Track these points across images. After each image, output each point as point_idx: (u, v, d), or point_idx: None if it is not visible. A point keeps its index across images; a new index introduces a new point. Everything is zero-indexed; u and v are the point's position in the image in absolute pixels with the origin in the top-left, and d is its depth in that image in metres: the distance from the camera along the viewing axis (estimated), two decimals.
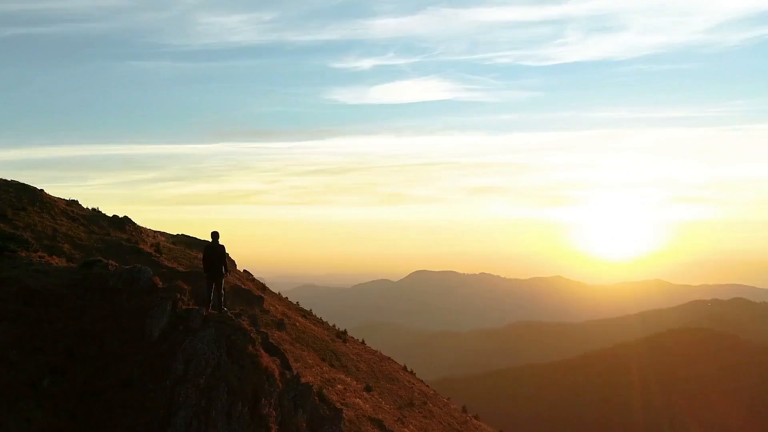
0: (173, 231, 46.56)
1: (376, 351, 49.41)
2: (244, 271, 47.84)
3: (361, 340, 50.30)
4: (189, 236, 46.02)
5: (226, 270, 18.19)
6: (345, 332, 48.48)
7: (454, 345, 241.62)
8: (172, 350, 15.68)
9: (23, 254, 18.95)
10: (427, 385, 49.04)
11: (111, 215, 39.59)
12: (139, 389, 14.81)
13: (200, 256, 41.52)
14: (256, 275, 50.25)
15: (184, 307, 17.28)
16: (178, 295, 17.31)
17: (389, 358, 49.23)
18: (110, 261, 19.86)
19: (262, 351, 17.50)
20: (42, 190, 37.50)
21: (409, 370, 49.28)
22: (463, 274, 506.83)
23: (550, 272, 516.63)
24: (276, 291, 49.93)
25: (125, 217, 39.76)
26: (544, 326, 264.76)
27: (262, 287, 45.75)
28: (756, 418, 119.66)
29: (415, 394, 41.95)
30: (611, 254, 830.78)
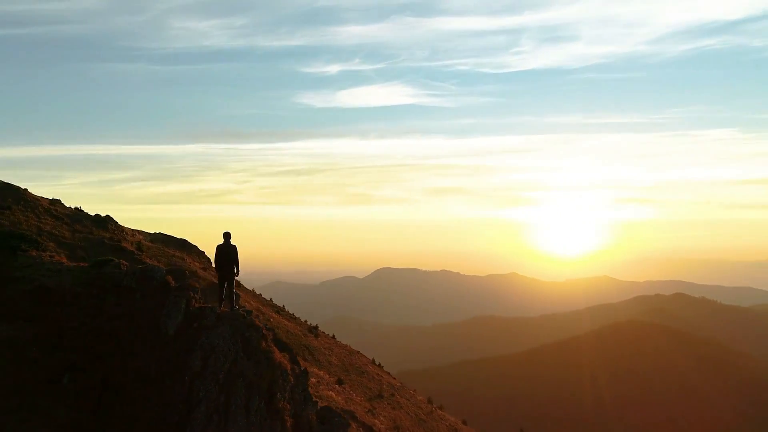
0: (147, 230, 45.90)
1: (346, 345, 49.48)
2: None
3: (331, 335, 50.26)
4: (166, 234, 45.36)
5: (237, 269, 18.05)
6: (317, 327, 48.49)
7: (416, 339, 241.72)
8: (189, 347, 15.57)
9: (34, 253, 18.61)
10: (394, 378, 49.25)
11: (93, 214, 38.85)
12: (158, 385, 14.66)
13: (178, 254, 41.16)
14: None
15: (196, 305, 17.20)
16: (191, 294, 17.19)
17: (358, 352, 49.35)
18: (121, 261, 19.59)
19: (274, 347, 17.46)
20: (26, 190, 36.63)
21: (377, 363, 49.36)
22: (425, 271, 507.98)
23: (506, 269, 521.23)
24: (248, 288, 49.56)
25: (107, 216, 39.05)
26: (502, 320, 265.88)
27: (237, 284, 45.37)
28: (695, 405, 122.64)
29: (384, 386, 42.17)
30: (563, 252, 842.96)
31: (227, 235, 18.10)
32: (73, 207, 38.99)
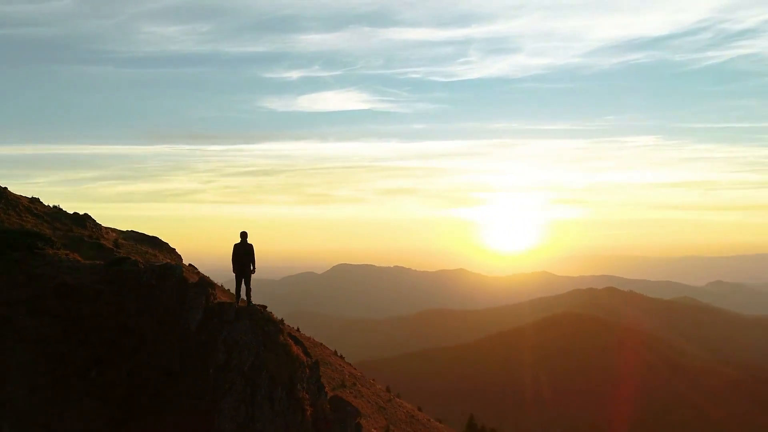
0: (117, 228, 44.95)
1: (310, 337, 49.32)
2: (190, 264, 46.60)
3: (296, 328, 50.06)
4: (137, 232, 44.36)
5: (253, 267, 17.98)
6: (282, 321, 48.11)
7: (372, 331, 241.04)
8: (212, 341, 15.53)
9: (50, 251, 18.07)
10: (355, 368, 49.32)
11: (72, 212, 37.84)
12: (183, 378, 14.66)
13: (151, 251, 40.35)
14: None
15: (215, 300, 17.12)
16: (210, 290, 17.13)
17: (321, 344, 49.21)
18: (138, 258, 19.12)
19: (290, 340, 17.47)
20: (6, 188, 35.41)
21: (338, 354, 49.30)
22: (380, 267, 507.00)
23: (455, 265, 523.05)
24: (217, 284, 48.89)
25: (85, 214, 37.97)
26: (450, 313, 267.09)
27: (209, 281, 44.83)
28: (626, 389, 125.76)
29: (346, 376, 42.25)
30: (507, 249, 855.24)
31: (244, 235, 17.92)
32: (51, 205, 37.88)
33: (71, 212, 38.00)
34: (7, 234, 17.91)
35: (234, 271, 17.86)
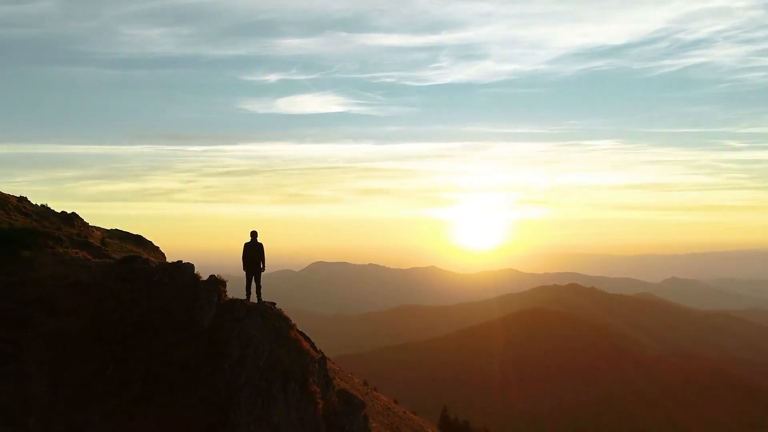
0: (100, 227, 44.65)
1: None
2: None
3: None
4: (122, 230, 44.01)
5: (263, 265, 17.85)
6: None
7: (348, 326, 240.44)
8: (225, 337, 15.38)
9: (60, 250, 17.66)
10: (334, 363, 49.89)
11: (60, 211, 37.50)
12: (198, 373, 14.48)
13: (135, 249, 40.30)
14: None
15: (226, 298, 17.01)
16: (221, 288, 17.00)
17: None
18: (149, 257, 18.95)
19: (300, 335, 17.49)
20: None
21: (318, 349, 49.72)
22: (355, 264, 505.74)
23: (427, 263, 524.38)
24: None
25: (73, 213, 37.57)
26: (422, 309, 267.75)
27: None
28: (585, 380, 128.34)
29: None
30: (476, 247, 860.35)
31: (254, 234, 17.82)
32: (39, 204, 37.41)
33: (59, 211, 37.83)
34: (18, 233, 17.46)
35: (244, 269, 17.82)
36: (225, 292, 17.09)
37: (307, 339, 18.37)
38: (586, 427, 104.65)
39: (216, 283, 16.94)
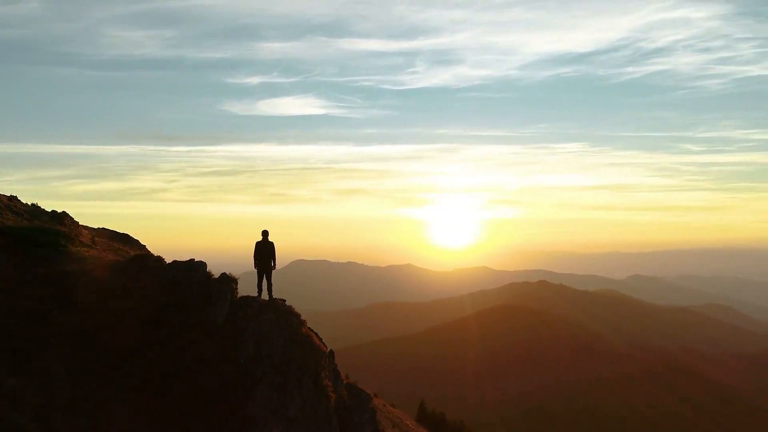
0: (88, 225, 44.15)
1: None
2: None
3: None
4: (108, 229, 43.58)
5: (274, 263, 17.88)
6: None
7: (327, 322, 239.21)
8: (239, 333, 15.36)
9: (73, 248, 17.40)
10: None
11: (50, 210, 37.07)
12: (214, 368, 14.44)
13: (123, 247, 40.09)
14: None
15: (238, 295, 17.02)
16: (233, 285, 17.00)
17: None
18: (160, 256, 18.88)
19: (311, 331, 17.53)
20: None
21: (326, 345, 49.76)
22: (334, 262, 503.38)
23: (403, 261, 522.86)
24: None
25: (63, 212, 37.28)
26: (399, 305, 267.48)
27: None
28: (554, 372, 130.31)
29: None
30: (450, 245, 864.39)
31: (265, 233, 17.82)
32: (30, 203, 36.87)
33: (49, 210, 37.38)
34: (31, 231, 17.19)
35: (256, 267, 17.81)
36: (237, 289, 17.08)
37: (316, 335, 18.50)
38: (555, 416, 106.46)
39: (228, 280, 16.95)
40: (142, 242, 42.29)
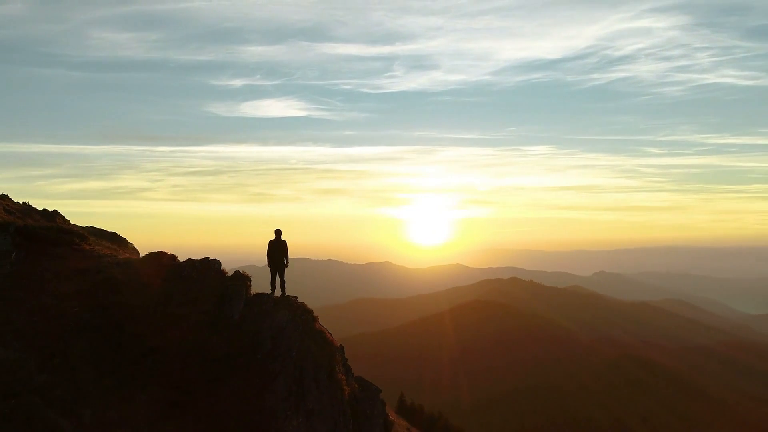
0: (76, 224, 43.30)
1: None
2: None
3: None
4: (97, 228, 42.95)
5: (287, 261, 17.82)
6: None
7: None
8: (257, 329, 15.34)
9: (87, 247, 17.14)
10: None
11: (41, 209, 36.46)
12: (232, 363, 14.44)
13: (112, 246, 39.69)
14: None
15: (252, 292, 16.98)
16: (247, 282, 16.95)
17: None
18: (174, 254, 18.56)
19: (323, 327, 17.57)
20: None
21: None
22: (314, 260, 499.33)
23: (381, 258, 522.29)
24: None
25: (54, 211, 36.77)
26: (377, 302, 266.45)
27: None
28: (525, 366, 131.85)
29: None
30: (426, 243, 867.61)
31: (278, 232, 17.81)
32: (21, 202, 36.18)
33: (41, 209, 36.71)
34: (47, 230, 17.00)
35: (269, 265, 17.83)
36: (250, 286, 17.02)
37: (326, 330, 18.56)
38: (525, 408, 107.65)
39: (242, 278, 16.91)
40: (129, 240, 41.96)
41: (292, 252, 17.87)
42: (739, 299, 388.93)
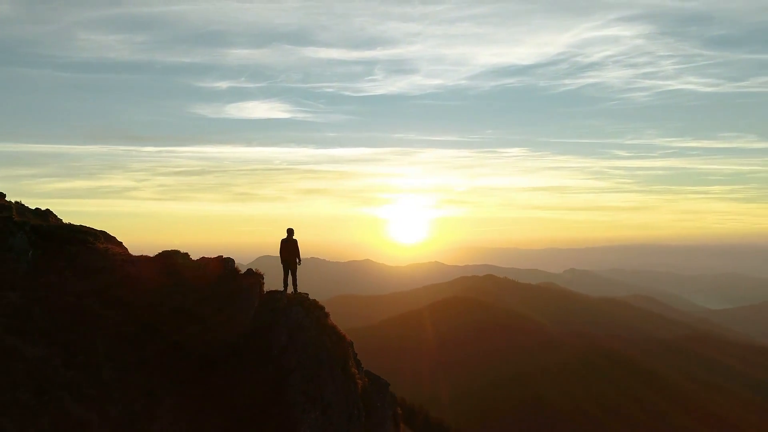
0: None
1: None
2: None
3: None
4: (85, 226, 42.30)
5: (299, 259, 17.76)
6: None
7: None
8: (272, 325, 15.26)
9: (101, 246, 16.61)
10: None
11: (34, 208, 35.99)
12: (249, 358, 14.35)
13: (106, 244, 39.55)
14: None
15: (265, 290, 16.91)
16: (261, 280, 16.89)
17: None
18: (187, 252, 18.12)
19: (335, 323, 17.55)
20: None
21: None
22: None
23: (362, 256, 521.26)
24: None
25: (47, 210, 36.43)
26: (359, 298, 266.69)
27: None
28: (500, 358, 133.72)
29: None
30: (405, 242, 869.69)
31: (290, 231, 17.71)
32: (14, 201, 35.74)
33: (33, 207, 36.25)
34: (61, 229, 16.57)
35: (282, 263, 17.79)
36: (263, 283, 16.90)
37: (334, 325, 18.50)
38: (500, 398, 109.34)
39: (256, 275, 16.84)
40: (119, 239, 41.79)
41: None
42: (700, 295, 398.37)
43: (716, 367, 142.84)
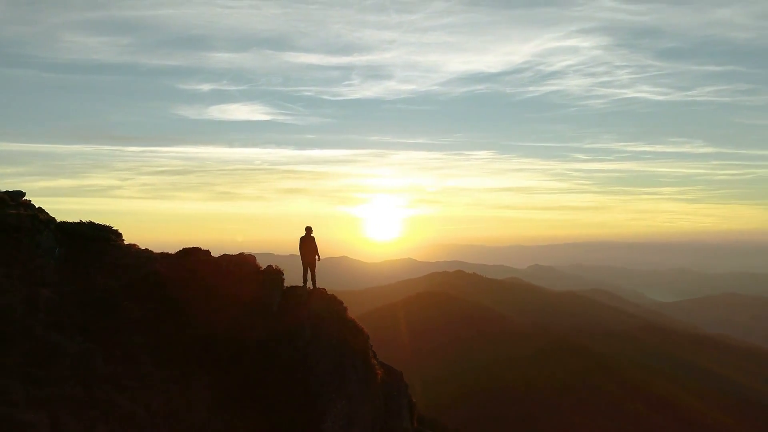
0: None
1: None
2: None
3: None
4: (105, 225, 41.99)
5: (318, 256, 17.84)
6: None
7: None
8: (296, 319, 15.21)
9: (122, 243, 16.18)
10: None
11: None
12: (274, 351, 14.31)
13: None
14: None
15: (285, 285, 16.87)
16: (282, 276, 16.81)
17: None
18: (208, 249, 17.56)
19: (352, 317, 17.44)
20: None
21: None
22: (278, 255, 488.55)
23: (339, 253, 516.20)
24: None
25: (39, 208, 36.04)
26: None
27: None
28: (469, 350, 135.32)
29: None
30: (379, 239, 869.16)
31: (309, 229, 17.73)
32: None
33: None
34: (84, 227, 16.15)
35: (302, 260, 17.83)
36: (284, 279, 16.85)
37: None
38: (468, 388, 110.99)
39: (277, 271, 16.75)
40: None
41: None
42: (652, 288, 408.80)
43: (665, 356, 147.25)
